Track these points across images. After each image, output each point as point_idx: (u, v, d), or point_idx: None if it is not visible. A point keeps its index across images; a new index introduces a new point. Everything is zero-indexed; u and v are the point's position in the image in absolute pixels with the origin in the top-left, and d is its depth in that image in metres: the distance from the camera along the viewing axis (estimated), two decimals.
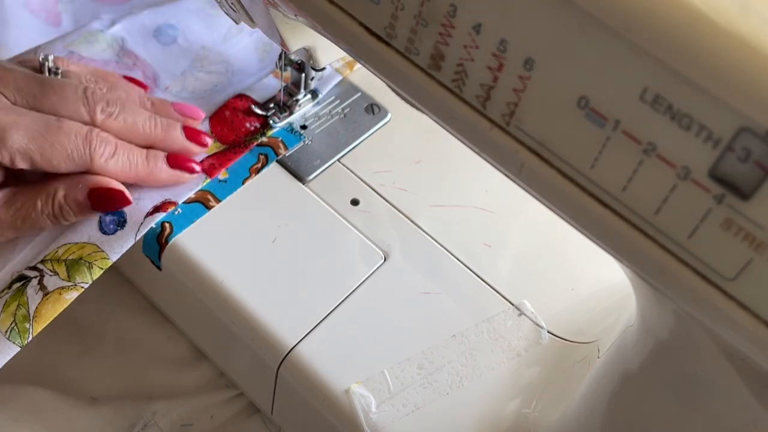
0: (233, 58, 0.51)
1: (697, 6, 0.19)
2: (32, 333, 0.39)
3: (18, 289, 0.41)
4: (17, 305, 0.40)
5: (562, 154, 0.23)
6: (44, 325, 0.40)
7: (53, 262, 0.41)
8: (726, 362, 0.25)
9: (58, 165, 0.40)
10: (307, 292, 0.42)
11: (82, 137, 0.40)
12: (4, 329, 0.39)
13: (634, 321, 0.30)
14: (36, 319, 0.40)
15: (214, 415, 0.45)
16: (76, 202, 0.40)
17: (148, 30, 0.52)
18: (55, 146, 0.40)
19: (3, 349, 0.39)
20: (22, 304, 0.40)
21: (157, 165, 0.43)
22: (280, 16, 0.36)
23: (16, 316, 0.40)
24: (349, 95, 0.51)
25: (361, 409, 0.38)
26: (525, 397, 0.40)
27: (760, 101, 0.19)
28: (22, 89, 0.41)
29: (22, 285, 0.41)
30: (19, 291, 0.41)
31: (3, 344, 0.39)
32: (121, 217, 0.43)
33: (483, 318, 0.42)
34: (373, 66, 0.29)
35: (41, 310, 0.40)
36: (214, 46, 0.52)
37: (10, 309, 0.40)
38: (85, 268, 0.41)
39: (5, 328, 0.39)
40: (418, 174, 0.48)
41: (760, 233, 0.20)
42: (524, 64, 0.23)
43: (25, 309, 0.40)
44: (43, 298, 0.40)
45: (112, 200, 0.41)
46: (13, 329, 0.40)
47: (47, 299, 0.40)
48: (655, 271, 0.23)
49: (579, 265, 0.45)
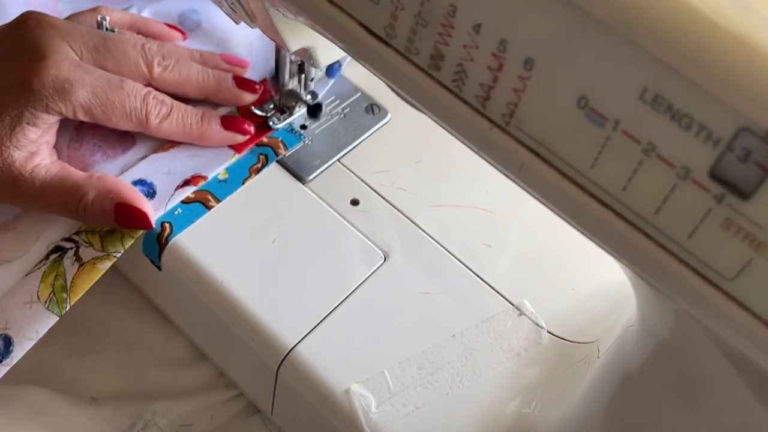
0: (257, 40, 0.52)
1: (697, 6, 0.19)
2: (69, 303, 0.41)
3: (55, 261, 0.42)
4: (55, 276, 0.42)
5: (561, 154, 0.23)
6: (80, 295, 0.41)
7: (88, 233, 0.43)
8: (726, 362, 0.25)
9: (117, 122, 0.43)
10: (307, 292, 0.42)
11: (141, 98, 0.43)
12: (44, 300, 0.41)
13: (634, 321, 0.30)
14: (72, 289, 0.41)
15: (214, 415, 0.45)
16: (102, 210, 0.41)
17: (173, 16, 0.52)
18: (116, 104, 0.42)
19: (43, 319, 0.41)
20: (59, 275, 0.42)
21: (211, 126, 0.45)
22: (280, 16, 0.36)
23: (54, 286, 0.41)
24: (349, 95, 0.51)
25: (361, 409, 0.38)
26: (525, 397, 0.40)
27: (760, 101, 0.19)
28: (87, 43, 0.43)
29: (58, 256, 0.42)
30: (56, 262, 0.42)
31: (43, 314, 0.41)
32: (152, 188, 0.44)
33: (483, 318, 0.42)
34: (373, 66, 0.29)
35: (77, 280, 0.41)
36: (237, 28, 0.52)
37: (48, 280, 0.41)
38: (118, 238, 0.42)
39: (45, 299, 0.41)
40: (418, 174, 0.48)
41: (760, 233, 0.20)
42: (524, 64, 0.23)
43: (62, 279, 0.41)
44: (79, 268, 0.42)
45: (136, 219, 0.42)
46: (51, 299, 0.41)
47: (83, 270, 0.42)
48: (655, 271, 0.23)
49: (579, 265, 0.45)
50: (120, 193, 0.41)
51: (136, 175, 0.44)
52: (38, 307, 0.41)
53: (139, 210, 0.41)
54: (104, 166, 0.45)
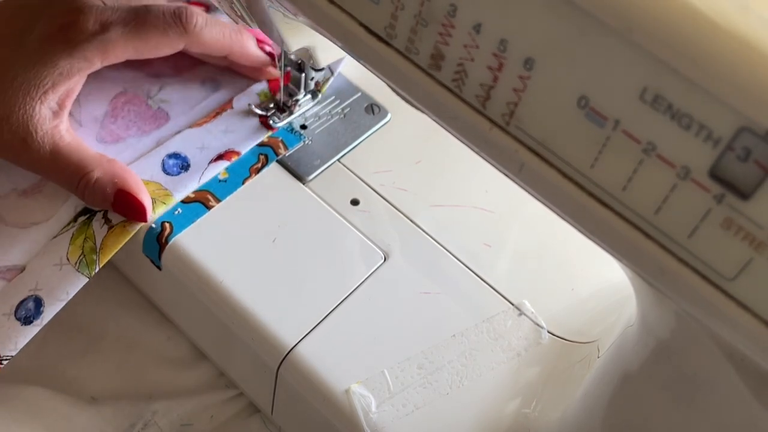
0: None
1: (697, 6, 0.19)
2: (99, 264, 0.41)
3: (83, 223, 0.43)
4: (84, 238, 0.42)
5: (562, 154, 0.23)
6: (109, 256, 0.42)
7: None
8: (726, 362, 0.25)
9: (157, 46, 0.43)
10: (307, 292, 0.42)
11: (171, 13, 0.43)
12: (74, 261, 0.41)
13: (634, 321, 0.30)
14: (102, 250, 0.42)
15: (214, 415, 0.45)
16: (103, 192, 0.41)
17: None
18: (149, 29, 0.42)
19: (73, 281, 0.41)
20: (88, 237, 0.42)
21: (245, 37, 0.46)
22: (280, 16, 0.36)
23: (84, 248, 0.42)
24: (349, 95, 0.51)
25: (361, 409, 0.38)
26: (525, 397, 0.40)
27: (760, 101, 0.19)
28: None
29: (87, 219, 0.43)
30: (85, 224, 0.43)
31: (73, 276, 0.41)
32: (185, 162, 0.45)
33: (483, 318, 0.42)
34: (373, 66, 0.29)
35: (107, 242, 0.42)
36: None
37: (77, 242, 0.42)
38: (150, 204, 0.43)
39: (75, 260, 0.42)
40: (418, 174, 0.48)
41: (760, 233, 0.20)
42: (524, 63, 0.23)
43: (91, 241, 0.42)
44: (108, 231, 0.42)
45: (133, 210, 0.42)
46: (81, 261, 0.42)
47: (112, 232, 0.42)
48: (655, 270, 0.23)
49: (579, 265, 0.45)
50: (125, 180, 0.42)
51: (170, 149, 0.45)
52: (68, 268, 0.41)
53: (139, 202, 0.41)
54: (139, 141, 0.46)
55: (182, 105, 0.48)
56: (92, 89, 0.47)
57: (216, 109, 0.48)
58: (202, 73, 0.50)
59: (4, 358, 0.40)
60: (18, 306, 0.41)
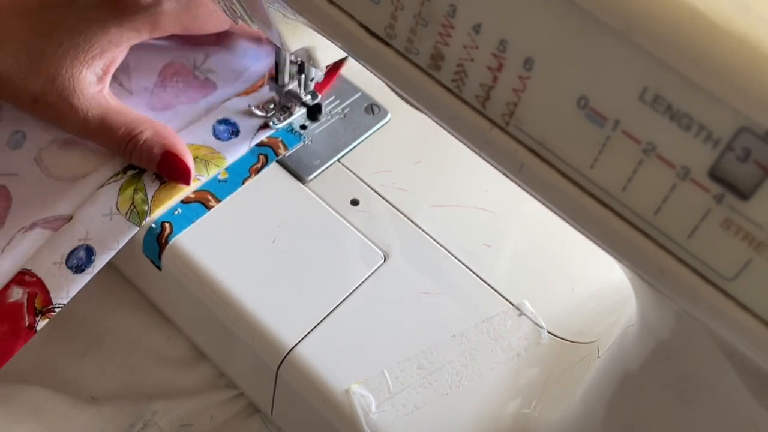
0: None
1: (697, 6, 0.19)
2: (150, 214, 0.43)
3: (133, 176, 0.44)
4: (134, 190, 0.44)
5: (561, 154, 0.23)
6: (161, 208, 0.43)
7: None
8: (726, 362, 0.25)
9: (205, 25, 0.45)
10: (307, 292, 0.42)
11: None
12: (124, 211, 0.43)
13: (634, 321, 0.30)
14: (154, 202, 0.43)
15: (214, 415, 0.45)
16: (150, 152, 0.42)
17: None
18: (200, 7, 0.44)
19: (123, 230, 0.42)
20: (139, 189, 0.44)
21: None
22: (280, 16, 0.36)
23: (134, 200, 0.43)
24: (349, 95, 0.51)
25: (361, 409, 0.38)
26: (525, 397, 0.40)
27: (759, 101, 0.18)
28: None
29: (137, 172, 0.44)
30: (135, 177, 0.44)
31: (123, 225, 0.43)
32: (235, 128, 0.47)
33: (483, 318, 0.42)
34: (373, 66, 0.29)
35: (159, 195, 0.44)
36: None
37: (127, 193, 0.43)
38: (202, 164, 0.45)
39: (125, 210, 0.43)
40: (418, 174, 0.48)
41: (759, 233, 0.20)
42: (524, 64, 0.23)
43: (142, 194, 0.44)
44: (161, 185, 0.44)
45: (178, 171, 0.43)
46: (132, 211, 0.43)
47: (164, 186, 0.44)
48: (655, 271, 0.23)
49: (579, 265, 0.45)
50: (173, 142, 0.42)
51: (219, 115, 0.47)
52: (118, 218, 0.43)
53: (185, 164, 0.42)
54: (189, 107, 0.47)
55: (228, 74, 0.50)
56: (141, 59, 0.48)
57: (260, 80, 0.50)
58: (243, 44, 0.51)
59: (56, 306, 0.41)
60: (69, 255, 0.42)
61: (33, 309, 0.41)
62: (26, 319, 0.41)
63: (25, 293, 0.41)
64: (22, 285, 0.41)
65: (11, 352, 0.40)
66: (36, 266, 0.42)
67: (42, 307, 0.41)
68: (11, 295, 0.41)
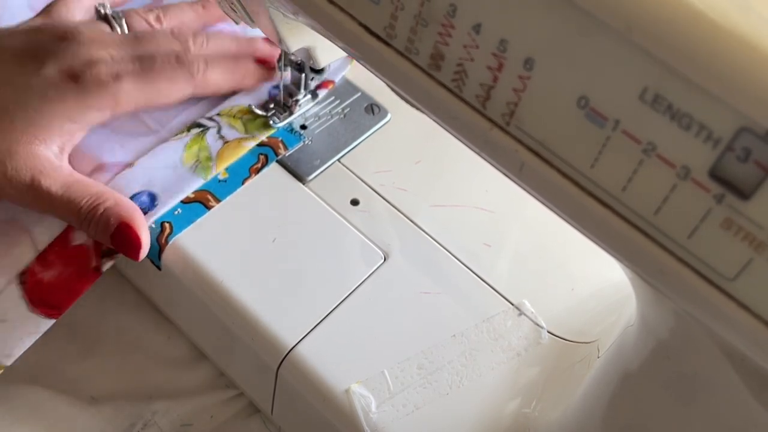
0: None
1: (697, 6, 0.19)
2: (215, 170, 0.45)
3: (198, 135, 0.46)
4: (199, 148, 0.45)
5: (562, 154, 0.23)
6: (226, 164, 0.45)
7: (229, 117, 0.47)
8: (726, 362, 0.25)
9: (168, 94, 0.45)
10: (307, 292, 0.42)
11: (173, 63, 0.44)
12: (189, 166, 0.45)
13: (634, 321, 0.30)
14: (218, 159, 0.45)
15: (214, 415, 0.45)
16: (106, 222, 0.41)
17: None
18: (159, 78, 0.44)
19: (189, 181, 0.44)
20: (202, 147, 0.45)
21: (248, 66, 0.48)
22: (280, 16, 0.36)
23: (200, 156, 0.45)
24: (349, 95, 0.51)
25: (361, 409, 0.38)
26: (525, 397, 0.40)
27: (760, 101, 0.18)
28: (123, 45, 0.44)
29: (201, 131, 0.46)
30: (199, 136, 0.46)
31: (188, 176, 0.44)
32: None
33: (483, 318, 0.42)
34: (373, 66, 0.29)
35: (223, 153, 0.45)
36: None
37: (192, 150, 0.45)
38: (261, 123, 0.47)
39: (190, 165, 0.45)
40: (418, 174, 0.48)
41: (760, 233, 0.20)
42: (524, 64, 0.23)
43: (206, 152, 0.45)
44: (224, 144, 0.46)
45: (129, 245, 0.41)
46: (197, 166, 0.45)
47: (228, 145, 0.46)
48: (655, 271, 0.23)
49: (579, 265, 0.45)
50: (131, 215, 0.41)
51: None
52: (183, 170, 0.44)
53: (138, 238, 0.41)
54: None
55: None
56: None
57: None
58: None
59: None
60: (131, 198, 0.43)
61: (99, 251, 0.42)
62: (93, 260, 0.42)
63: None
64: None
65: (78, 293, 0.41)
66: None
67: (107, 248, 0.42)
68: (75, 238, 0.42)
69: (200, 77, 0.45)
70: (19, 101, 0.41)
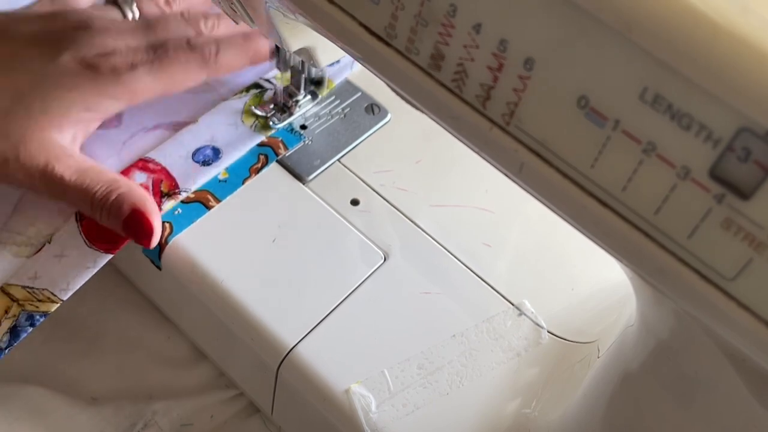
0: None
1: (697, 6, 0.19)
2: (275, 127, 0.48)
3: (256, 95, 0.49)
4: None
5: (562, 154, 0.23)
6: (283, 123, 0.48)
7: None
8: (726, 362, 0.25)
9: (182, 80, 0.45)
10: (307, 292, 0.42)
11: (186, 49, 0.45)
12: (249, 124, 0.47)
13: (634, 321, 0.30)
14: None
15: (214, 415, 0.45)
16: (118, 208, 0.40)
17: None
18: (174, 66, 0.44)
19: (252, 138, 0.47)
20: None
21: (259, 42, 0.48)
22: (280, 16, 0.36)
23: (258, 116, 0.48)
24: (349, 95, 0.51)
25: (361, 409, 0.38)
26: (525, 397, 0.40)
27: (760, 101, 0.19)
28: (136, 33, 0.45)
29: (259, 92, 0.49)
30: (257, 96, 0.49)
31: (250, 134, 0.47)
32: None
33: (483, 318, 0.42)
34: (373, 66, 0.29)
35: None
36: None
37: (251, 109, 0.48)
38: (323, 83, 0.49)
39: (249, 125, 0.47)
40: (418, 174, 0.48)
41: (760, 233, 0.20)
42: (524, 64, 0.23)
43: None
44: None
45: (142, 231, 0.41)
46: (255, 125, 0.47)
47: None
48: (655, 270, 0.23)
49: (579, 265, 0.45)
50: (144, 202, 0.41)
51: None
52: (244, 128, 0.47)
53: (150, 224, 0.41)
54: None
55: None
56: None
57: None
58: None
59: (183, 191, 0.44)
60: (195, 151, 0.45)
61: (159, 191, 0.44)
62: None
63: (150, 178, 0.44)
64: (146, 171, 0.44)
65: None
66: (160, 157, 0.45)
67: (168, 190, 0.44)
68: (134, 179, 0.44)
69: (213, 62, 0.46)
70: (35, 88, 0.41)
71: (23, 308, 0.40)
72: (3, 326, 0.39)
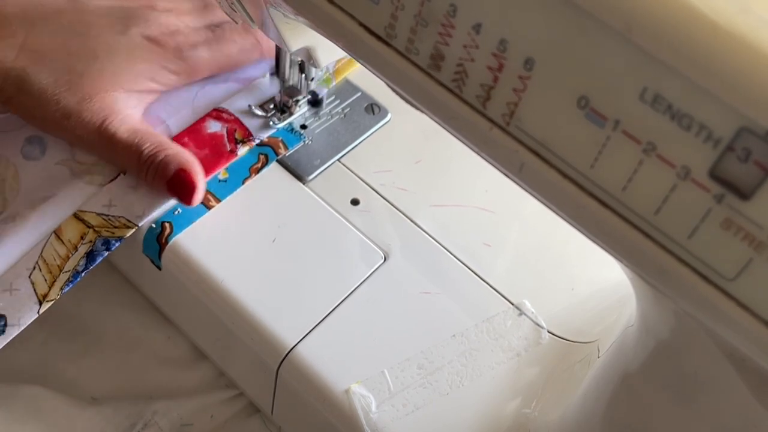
0: None
1: (697, 6, 0.19)
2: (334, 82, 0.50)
3: None
4: None
5: (562, 154, 0.23)
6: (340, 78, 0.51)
7: None
8: (726, 362, 0.25)
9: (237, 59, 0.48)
10: (307, 292, 0.42)
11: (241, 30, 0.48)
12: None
13: (634, 321, 0.30)
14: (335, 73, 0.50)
15: (214, 415, 0.45)
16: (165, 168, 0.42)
17: None
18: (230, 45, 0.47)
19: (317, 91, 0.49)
20: None
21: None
22: (280, 16, 0.36)
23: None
24: (349, 95, 0.51)
25: (361, 409, 0.38)
26: (525, 397, 0.40)
27: (760, 101, 0.18)
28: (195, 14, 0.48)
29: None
30: None
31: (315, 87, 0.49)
32: None
33: (483, 318, 0.42)
34: (373, 66, 0.29)
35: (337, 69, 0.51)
36: None
37: None
38: None
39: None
40: (418, 174, 0.48)
41: (760, 233, 0.20)
42: (524, 64, 0.23)
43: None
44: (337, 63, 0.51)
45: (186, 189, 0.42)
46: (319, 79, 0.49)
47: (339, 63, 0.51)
48: (655, 271, 0.23)
49: (579, 265, 0.45)
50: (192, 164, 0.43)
51: None
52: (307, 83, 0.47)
53: (194, 182, 0.42)
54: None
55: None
56: None
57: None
58: None
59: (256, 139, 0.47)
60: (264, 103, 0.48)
61: (234, 139, 0.46)
62: (227, 145, 0.46)
63: (224, 127, 0.47)
64: (220, 120, 0.47)
65: (214, 168, 0.45)
66: (233, 108, 0.47)
67: (243, 138, 0.46)
68: (209, 126, 0.46)
69: (266, 42, 0.48)
70: (109, 52, 0.43)
71: (99, 234, 0.42)
72: (80, 251, 0.41)
